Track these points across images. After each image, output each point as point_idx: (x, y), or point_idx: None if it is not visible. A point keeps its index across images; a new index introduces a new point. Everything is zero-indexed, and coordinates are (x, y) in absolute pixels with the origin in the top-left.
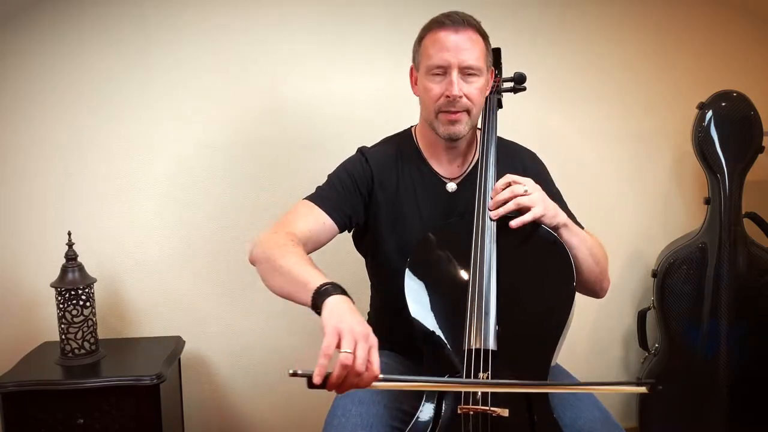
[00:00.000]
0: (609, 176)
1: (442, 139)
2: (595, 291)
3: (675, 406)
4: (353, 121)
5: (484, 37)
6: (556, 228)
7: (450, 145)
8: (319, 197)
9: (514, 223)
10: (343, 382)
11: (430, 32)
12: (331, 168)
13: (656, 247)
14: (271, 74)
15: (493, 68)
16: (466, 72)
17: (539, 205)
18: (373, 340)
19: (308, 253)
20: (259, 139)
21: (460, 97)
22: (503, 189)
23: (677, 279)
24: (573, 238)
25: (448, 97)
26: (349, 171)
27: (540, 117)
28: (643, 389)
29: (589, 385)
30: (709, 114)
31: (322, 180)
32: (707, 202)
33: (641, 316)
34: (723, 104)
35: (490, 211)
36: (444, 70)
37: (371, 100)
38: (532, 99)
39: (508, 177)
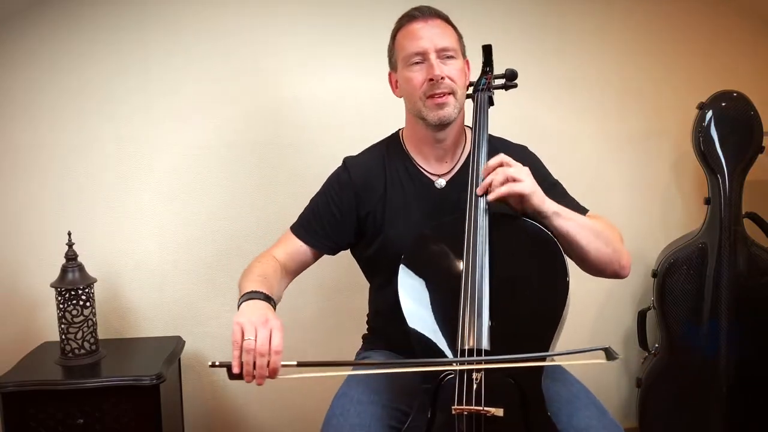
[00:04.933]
0: (609, 176)
1: (432, 127)
2: (614, 271)
3: (675, 406)
4: (352, 122)
5: (454, 26)
6: (545, 215)
7: (438, 137)
8: (297, 226)
9: (491, 197)
10: (254, 367)
11: (401, 28)
12: (329, 168)
13: (656, 247)
14: (270, 75)
15: (468, 60)
16: (443, 55)
17: (526, 181)
18: (274, 323)
19: (297, 272)
20: (258, 139)
21: (443, 78)
22: (495, 167)
23: (677, 279)
24: (568, 223)
25: (431, 80)
26: (328, 194)
27: (538, 117)
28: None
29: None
30: (709, 114)
31: (319, 180)
32: (707, 202)
33: (641, 316)
34: (723, 104)
35: (478, 192)
36: (422, 57)
37: (369, 101)
38: (533, 99)
39: (501, 156)
